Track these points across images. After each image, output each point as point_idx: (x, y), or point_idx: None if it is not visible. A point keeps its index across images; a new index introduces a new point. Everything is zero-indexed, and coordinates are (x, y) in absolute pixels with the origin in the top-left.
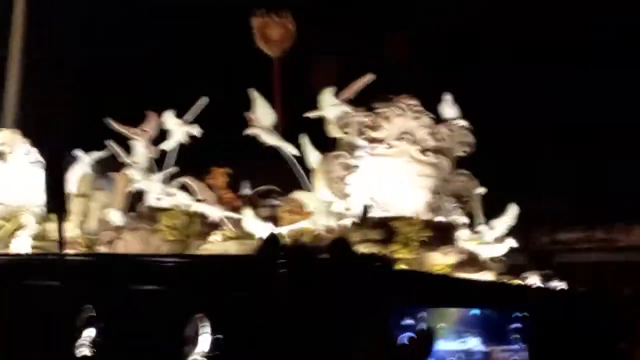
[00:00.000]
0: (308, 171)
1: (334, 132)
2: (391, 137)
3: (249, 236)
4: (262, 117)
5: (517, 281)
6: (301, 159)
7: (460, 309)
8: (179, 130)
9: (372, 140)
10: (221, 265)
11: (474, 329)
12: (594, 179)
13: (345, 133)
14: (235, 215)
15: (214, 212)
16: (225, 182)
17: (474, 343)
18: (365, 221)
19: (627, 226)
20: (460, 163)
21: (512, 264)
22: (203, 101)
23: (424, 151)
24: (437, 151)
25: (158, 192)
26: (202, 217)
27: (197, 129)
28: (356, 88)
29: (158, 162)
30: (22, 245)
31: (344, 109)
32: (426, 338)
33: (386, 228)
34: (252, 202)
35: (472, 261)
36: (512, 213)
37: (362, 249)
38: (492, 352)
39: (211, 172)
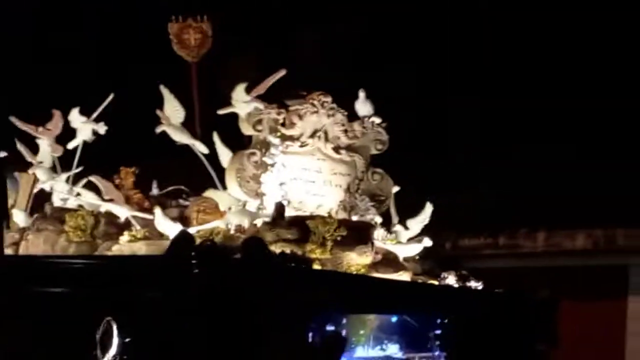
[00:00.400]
0: (221, 170)
1: (246, 129)
2: (304, 134)
3: (160, 237)
4: (172, 114)
5: (434, 282)
6: (214, 158)
7: (380, 315)
8: (85, 128)
9: (285, 138)
10: (132, 266)
11: (393, 335)
12: (501, 184)
13: (258, 131)
14: (144, 215)
15: (122, 212)
16: (134, 182)
17: (393, 350)
18: (278, 220)
19: (530, 232)
20: (375, 161)
21: (429, 264)
22: (109, 98)
23: (337, 149)
24: (351, 149)
25: (63, 192)
26: (109, 217)
27: (103, 127)
28: (268, 83)
29: (65, 161)
30: None
31: (256, 105)
32: (337, 342)
33: (300, 227)
34: (161, 203)
35: (388, 261)
36: (427, 212)
37: (277, 248)
38: (410, 359)
39: (119, 172)
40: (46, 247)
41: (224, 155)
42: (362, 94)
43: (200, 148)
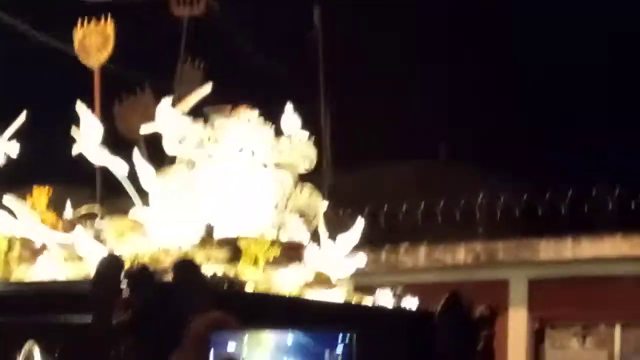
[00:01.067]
0: (142, 189)
1: (170, 147)
2: (230, 151)
3: (80, 259)
4: (89, 133)
5: (368, 298)
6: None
7: (277, 336)
8: None
9: (211, 155)
10: (57, 291)
11: (295, 354)
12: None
13: (185, 146)
14: (62, 237)
15: (39, 235)
16: (46, 203)
17: None
18: (208, 241)
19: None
20: (303, 177)
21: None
22: (22, 116)
23: (265, 166)
24: (279, 166)
25: None
26: (22, 240)
27: (15, 146)
28: (193, 100)
29: None
30: None
31: (181, 121)
32: None
33: (232, 247)
34: (76, 225)
35: (322, 280)
36: (358, 228)
37: (208, 269)
38: None
39: (31, 192)
40: None
41: (145, 173)
42: (289, 107)
43: (120, 170)
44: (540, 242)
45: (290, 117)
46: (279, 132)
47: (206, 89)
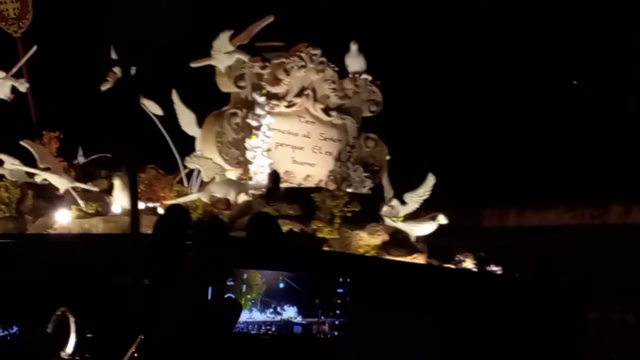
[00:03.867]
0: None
1: (224, 85)
2: (290, 93)
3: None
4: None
5: (449, 265)
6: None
7: (271, 277)
8: (2, 85)
9: (270, 97)
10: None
11: (290, 298)
12: None
13: (240, 87)
14: (88, 187)
15: (62, 183)
16: (57, 149)
17: (290, 314)
18: (274, 193)
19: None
20: (365, 125)
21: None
22: (32, 50)
23: (327, 110)
24: (341, 110)
25: None
26: (35, 189)
27: (25, 83)
28: (253, 31)
29: None
30: None
31: (239, 57)
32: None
33: (303, 201)
34: (89, 172)
35: (399, 242)
36: (428, 185)
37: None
38: (311, 323)
39: (42, 137)
40: None
41: (186, 116)
42: (354, 47)
43: (154, 109)
44: None
45: (354, 57)
46: (341, 74)
47: (267, 20)
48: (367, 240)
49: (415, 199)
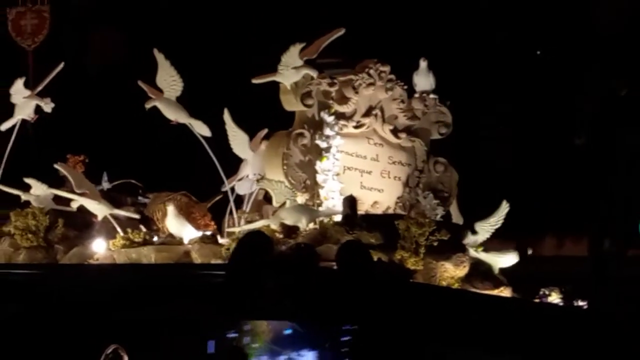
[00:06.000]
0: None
1: (289, 104)
2: (357, 112)
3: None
4: (166, 85)
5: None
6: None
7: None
8: (26, 104)
9: (338, 116)
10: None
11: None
12: None
13: (307, 106)
14: (130, 214)
15: (101, 210)
16: (82, 173)
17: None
18: (353, 220)
19: None
20: (434, 148)
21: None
22: (59, 67)
23: (396, 132)
24: (410, 132)
25: None
26: (64, 216)
27: (50, 103)
28: (322, 44)
29: None
30: None
31: (308, 72)
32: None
33: (384, 229)
34: (114, 198)
35: (483, 274)
36: (502, 212)
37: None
38: None
39: (67, 160)
40: None
41: (238, 137)
42: (423, 64)
43: (201, 129)
44: None
45: (424, 74)
46: (410, 93)
47: (337, 32)
48: (451, 271)
49: (487, 227)
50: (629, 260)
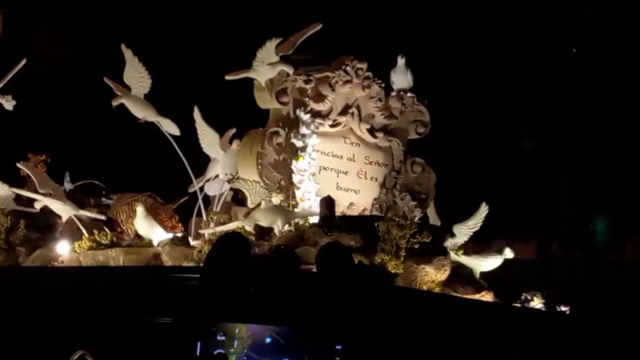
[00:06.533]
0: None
1: (263, 101)
2: (334, 110)
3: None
4: (134, 83)
5: (515, 304)
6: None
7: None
8: None
9: (314, 114)
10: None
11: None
12: None
13: (282, 103)
14: (95, 215)
15: (66, 210)
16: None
17: None
18: (331, 222)
19: None
20: (411, 149)
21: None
22: (21, 63)
23: (372, 131)
24: (388, 131)
25: None
26: (25, 218)
27: (11, 101)
28: (298, 40)
29: None
30: None
31: (284, 68)
32: None
33: (363, 231)
34: (77, 199)
35: (464, 278)
36: (480, 215)
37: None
38: None
39: (27, 160)
40: None
41: (208, 136)
42: (401, 61)
43: (170, 128)
44: None
45: (401, 72)
46: (387, 91)
47: (314, 27)
48: (432, 275)
49: (465, 230)
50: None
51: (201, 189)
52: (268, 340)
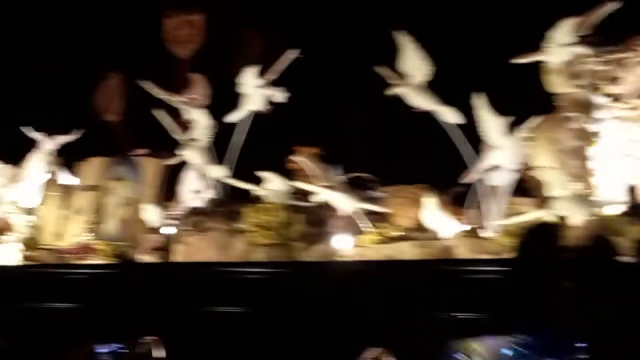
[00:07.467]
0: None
1: (556, 84)
2: (631, 94)
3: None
4: (413, 70)
5: None
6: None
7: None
8: (257, 94)
9: (612, 98)
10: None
11: None
12: None
13: (578, 87)
14: (378, 208)
15: (348, 204)
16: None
17: None
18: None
19: None
20: None
21: None
22: (294, 54)
23: None
24: None
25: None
26: (305, 212)
27: (283, 93)
28: (594, 19)
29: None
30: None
31: (579, 50)
32: None
33: None
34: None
35: None
36: None
37: None
38: None
39: (296, 152)
40: (215, 252)
41: (492, 123)
42: None
43: (450, 117)
44: None
45: None
46: None
47: (611, 6)
48: None
49: None
50: None
51: (481, 179)
52: (506, 352)
